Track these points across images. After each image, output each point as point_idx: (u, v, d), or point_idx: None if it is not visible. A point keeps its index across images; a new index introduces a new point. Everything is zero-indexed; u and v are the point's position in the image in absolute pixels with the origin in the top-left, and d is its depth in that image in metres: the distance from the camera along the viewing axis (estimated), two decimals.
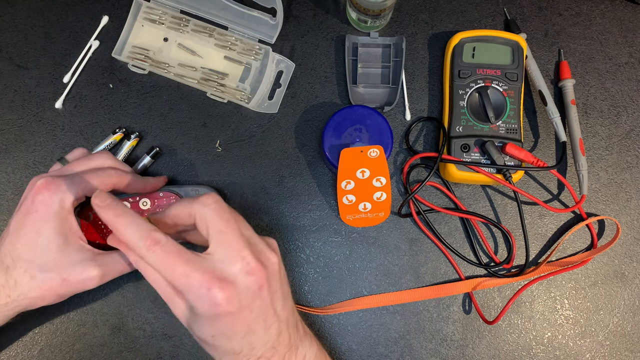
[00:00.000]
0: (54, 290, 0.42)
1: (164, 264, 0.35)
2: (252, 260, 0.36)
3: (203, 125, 0.55)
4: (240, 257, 0.36)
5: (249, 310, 0.36)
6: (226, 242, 0.36)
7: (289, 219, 0.54)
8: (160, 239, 0.35)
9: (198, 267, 0.35)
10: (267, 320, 0.37)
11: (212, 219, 0.37)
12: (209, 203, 0.37)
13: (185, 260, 0.35)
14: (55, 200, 0.41)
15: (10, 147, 0.54)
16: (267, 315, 0.37)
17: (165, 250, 0.35)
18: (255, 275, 0.36)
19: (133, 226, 0.36)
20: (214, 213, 0.37)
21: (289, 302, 0.40)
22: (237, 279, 0.35)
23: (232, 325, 0.35)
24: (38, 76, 0.55)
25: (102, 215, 0.37)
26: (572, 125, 0.54)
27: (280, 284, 0.39)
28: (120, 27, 0.55)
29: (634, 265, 0.54)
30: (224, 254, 0.36)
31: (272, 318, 0.37)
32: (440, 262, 0.53)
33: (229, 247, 0.36)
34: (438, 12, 0.57)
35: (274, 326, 0.37)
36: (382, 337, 0.52)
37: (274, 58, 0.55)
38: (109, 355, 0.51)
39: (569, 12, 0.58)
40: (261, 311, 0.36)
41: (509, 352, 0.52)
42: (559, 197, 0.55)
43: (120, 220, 0.36)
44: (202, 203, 0.37)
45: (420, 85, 0.56)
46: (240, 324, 0.36)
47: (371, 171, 0.49)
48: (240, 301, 0.35)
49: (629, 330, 0.53)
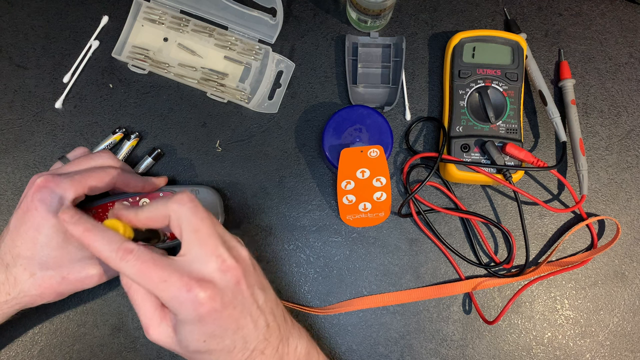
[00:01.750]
0: (53, 288, 0.42)
1: (140, 273, 0.34)
2: (227, 257, 0.36)
3: (203, 125, 0.55)
4: (215, 255, 0.35)
5: (232, 307, 0.35)
6: (201, 240, 0.36)
7: (288, 219, 0.54)
8: (133, 248, 0.35)
9: (175, 271, 0.34)
10: (253, 314, 0.37)
11: (187, 218, 0.36)
12: (186, 202, 0.36)
13: (161, 266, 0.34)
14: (54, 197, 0.40)
15: (10, 147, 0.54)
16: (251, 309, 0.37)
17: (139, 258, 0.34)
18: (231, 271, 0.36)
19: (104, 239, 0.35)
20: (189, 212, 0.36)
21: (270, 293, 0.40)
22: (214, 277, 0.35)
23: (220, 323, 0.35)
24: (38, 76, 0.55)
25: (71, 231, 0.36)
26: (572, 125, 0.54)
27: (256, 276, 0.38)
28: (120, 27, 0.55)
29: (634, 265, 0.54)
30: (199, 254, 0.35)
31: (257, 311, 0.37)
32: (440, 262, 0.53)
33: (204, 246, 0.36)
34: (438, 12, 0.57)
35: (260, 318, 0.37)
36: (382, 337, 0.52)
37: (274, 58, 0.55)
38: (109, 355, 0.51)
39: (569, 12, 0.58)
40: (244, 306, 0.36)
41: (509, 352, 0.52)
42: (559, 197, 0.55)
43: (90, 235, 0.35)
44: (178, 202, 0.36)
45: (420, 85, 0.56)
46: (227, 321, 0.35)
47: (371, 171, 0.49)
48: (222, 298, 0.35)
49: (629, 330, 0.53)
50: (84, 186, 0.42)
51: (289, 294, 0.52)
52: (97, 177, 0.43)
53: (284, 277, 0.53)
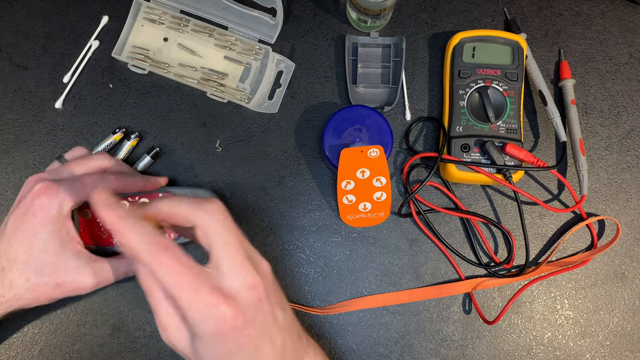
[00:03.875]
0: (47, 293, 0.42)
1: (172, 274, 0.32)
2: (253, 274, 0.35)
3: (203, 125, 0.55)
4: (244, 271, 0.34)
5: (252, 326, 0.34)
6: (231, 255, 0.35)
7: (289, 219, 0.54)
8: (169, 245, 0.33)
9: (207, 283, 0.33)
10: (272, 333, 0.36)
11: (218, 231, 0.34)
12: (217, 213, 0.35)
13: (195, 274, 0.33)
14: (53, 205, 0.41)
15: (10, 147, 0.54)
16: (271, 328, 0.36)
17: (175, 258, 0.33)
18: (255, 289, 0.35)
19: (139, 229, 0.33)
20: (220, 225, 0.35)
21: (288, 311, 0.39)
22: (239, 293, 0.34)
23: (239, 342, 0.34)
24: (38, 76, 0.55)
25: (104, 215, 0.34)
26: (572, 125, 0.54)
27: (277, 294, 0.38)
28: (120, 27, 0.55)
29: (634, 265, 0.54)
30: (228, 268, 0.34)
31: (276, 331, 0.36)
32: (440, 262, 0.53)
33: (233, 260, 0.34)
34: (438, 12, 0.57)
35: (278, 338, 0.36)
36: (382, 337, 0.52)
37: (274, 58, 0.55)
38: (109, 355, 0.51)
39: (569, 12, 0.58)
40: (264, 326, 0.35)
41: (509, 352, 0.52)
42: (559, 197, 0.55)
43: (124, 222, 0.33)
44: (209, 213, 0.35)
45: (420, 85, 0.56)
46: (246, 340, 0.34)
47: (371, 171, 0.49)
48: (244, 316, 0.34)
49: (629, 330, 0.53)
50: (84, 194, 0.42)
51: (289, 294, 0.52)
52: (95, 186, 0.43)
53: (284, 277, 0.53)
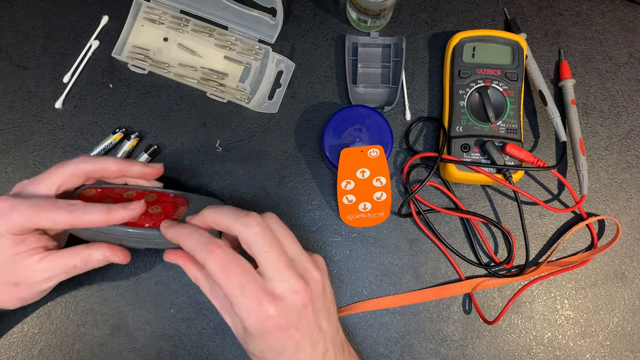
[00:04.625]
0: (10, 295, 0.42)
1: (224, 270, 0.36)
2: (298, 280, 0.37)
3: (203, 125, 0.55)
4: (287, 276, 0.37)
5: (295, 329, 0.36)
6: (272, 261, 0.37)
7: (289, 219, 0.53)
8: (222, 244, 0.37)
9: (254, 280, 0.36)
10: (314, 338, 0.38)
11: (255, 242, 0.37)
12: (253, 226, 0.37)
13: (243, 271, 0.36)
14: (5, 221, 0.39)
15: (10, 147, 0.54)
16: (313, 333, 0.38)
17: (227, 255, 0.36)
18: (300, 294, 0.37)
19: (194, 235, 0.38)
20: (256, 236, 0.37)
21: (334, 320, 0.41)
22: (284, 296, 0.36)
23: (280, 341, 0.36)
24: (38, 76, 0.55)
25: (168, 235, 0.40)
26: (572, 125, 0.54)
27: (324, 301, 0.39)
28: (120, 27, 0.55)
29: (634, 265, 0.54)
30: (272, 273, 0.37)
31: (319, 336, 0.38)
32: (440, 262, 0.53)
33: (275, 266, 0.37)
34: (438, 12, 0.57)
35: (320, 344, 0.38)
36: (382, 337, 0.52)
37: (274, 58, 0.55)
38: (109, 355, 0.51)
39: (569, 12, 0.58)
40: (307, 329, 0.37)
41: (509, 352, 0.52)
42: (559, 197, 0.55)
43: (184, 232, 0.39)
44: (246, 225, 0.37)
45: (420, 85, 0.56)
46: (288, 341, 0.36)
47: (371, 171, 0.49)
48: (288, 318, 0.36)
49: (629, 330, 0.53)
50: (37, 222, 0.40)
51: None
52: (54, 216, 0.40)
53: None
